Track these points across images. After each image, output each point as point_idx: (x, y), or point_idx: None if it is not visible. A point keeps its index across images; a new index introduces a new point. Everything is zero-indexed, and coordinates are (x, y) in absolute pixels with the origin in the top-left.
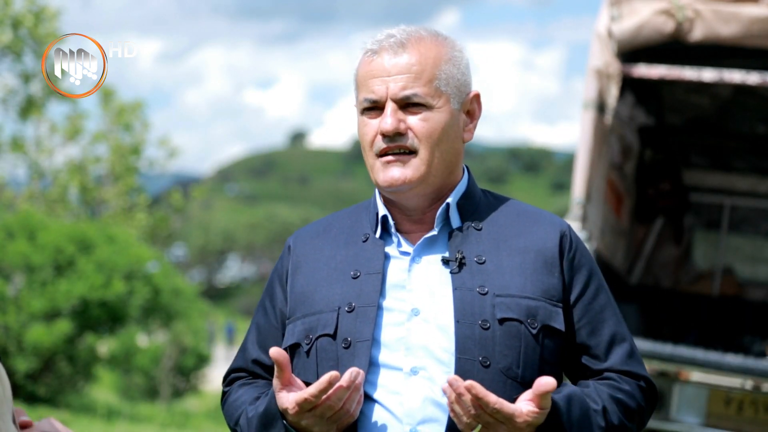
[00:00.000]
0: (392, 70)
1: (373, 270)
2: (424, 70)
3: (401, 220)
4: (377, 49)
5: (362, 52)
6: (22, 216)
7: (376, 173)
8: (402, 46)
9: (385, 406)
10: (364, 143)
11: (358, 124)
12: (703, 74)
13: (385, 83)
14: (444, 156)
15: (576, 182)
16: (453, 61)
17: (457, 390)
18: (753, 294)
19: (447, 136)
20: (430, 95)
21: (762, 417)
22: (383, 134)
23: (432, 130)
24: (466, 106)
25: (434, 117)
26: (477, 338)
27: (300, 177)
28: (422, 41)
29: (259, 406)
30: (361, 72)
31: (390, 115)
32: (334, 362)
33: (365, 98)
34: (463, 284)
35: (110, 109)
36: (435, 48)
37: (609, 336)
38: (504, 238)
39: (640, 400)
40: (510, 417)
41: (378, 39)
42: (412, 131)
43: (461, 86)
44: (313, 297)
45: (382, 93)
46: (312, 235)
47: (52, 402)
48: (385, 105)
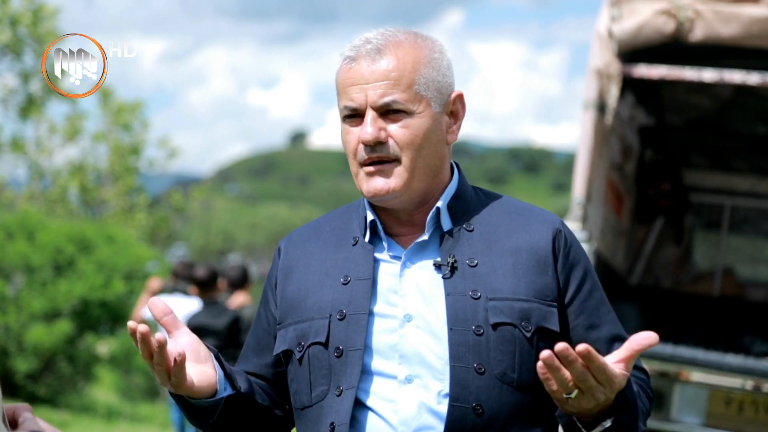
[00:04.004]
0: (370, 77)
1: (363, 275)
2: (403, 76)
3: (390, 222)
4: (354, 56)
5: (341, 58)
6: (22, 216)
7: (360, 183)
8: (379, 52)
9: (379, 414)
10: (348, 151)
11: (341, 132)
12: (703, 74)
13: (363, 91)
14: (427, 161)
15: (576, 182)
16: (432, 64)
17: (569, 357)
18: (753, 294)
19: (429, 141)
20: (410, 101)
21: (762, 417)
22: (364, 144)
23: (413, 137)
24: (449, 107)
25: (415, 123)
26: (471, 345)
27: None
28: (400, 46)
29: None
30: (339, 79)
31: (370, 124)
32: (326, 370)
33: (345, 106)
34: (456, 289)
35: (109, 109)
36: (413, 52)
37: (608, 333)
38: (496, 239)
39: (649, 390)
40: (611, 378)
41: (355, 45)
42: (393, 139)
43: (442, 88)
44: (305, 303)
45: (361, 101)
46: (303, 238)
47: (52, 402)
48: (365, 113)
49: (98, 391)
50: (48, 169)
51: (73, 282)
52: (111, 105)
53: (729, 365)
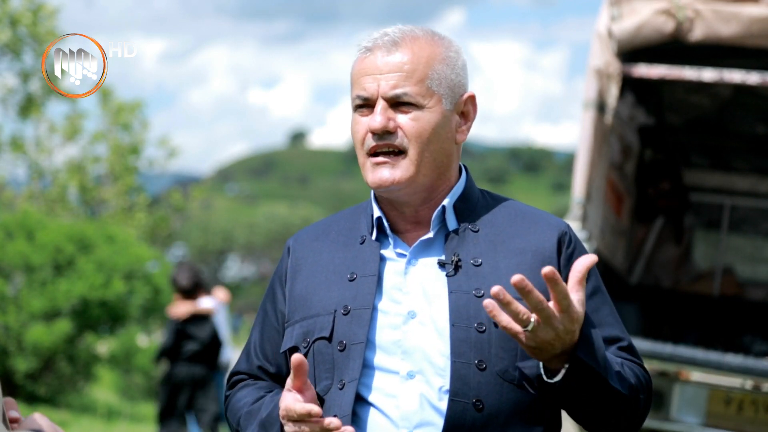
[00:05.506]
0: (384, 68)
1: (368, 272)
2: (416, 69)
3: (396, 219)
4: (371, 46)
5: (358, 50)
6: (21, 216)
7: (366, 172)
8: (395, 45)
9: (380, 409)
10: (356, 140)
11: (351, 122)
12: (703, 74)
13: (376, 81)
14: (434, 156)
15: (576, 182)
16: (447, 62)
17: (526, 288)
18: (753, 294)
19: (437, 137)
20: (421, 95)
21: (762, 417)
22: (372, 132)
23: (422, 129)
24: (460, 107)
25: (424, 117)
26: (473, 341)
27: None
28: (416, 40)
29: (263, 410)
30: (354, 69)
31: (379, 113)
32: (330, 365)
33: (357, 95)
34: (459, 287)
35: (109, 108)
36: (429, 47)
37: (609, 335)
38: (501, 240)
39: (643, 378)
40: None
41: (373, 37)
42: (401, 130)
43: (455, 87)
44: (311, 300)
45: (373, 91)
46: (312, 237)
47: (52, 402)
48: (376, 103)
49: (98, 391)
50: (48, 169)
51: (73, 281)
52: (111, 105)
53: (729, 365)
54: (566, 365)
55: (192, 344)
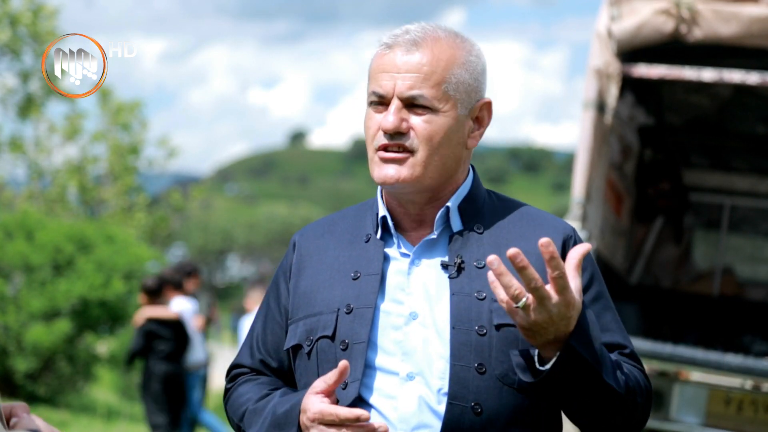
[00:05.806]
0: (402, 67)
1: (372, 271)
2: (434, 72)
3: (401, 217)
4: (392, 43)
5: (378, 45)
6: (21, 216)
7: (373, 167)
8: (416, 45)
9: (379, 410)
10: (367, 135)
11: (364, 116)
12: (703, 74)
13: (393, 80)
14: (443, 160)
15: (576, 182)
16: (466, 66)
17: (521, 263)
18: (753, 294)
19: (448, 141)
20: (437, 98)
21: (762, 417)
22: (384, 131)
23: (433, 133)
24: (475, 112)
25: (438, 120)
26: (473, 344)
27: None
28: (438, 42)
29: (278, 408)
30: (373, 65)
31: (393, 114)
32: (332, 364)
33: (373, 91)
34: (461, 289)
35: (108, 108)
36: (449, 50)
37: (610, 340)
38: (505, 242)
39: (642, 382)
40: (567, 286)
41: (395, 33)
42: (413, 131)
43: (471, 92)
44: (315, 298)
45: (389, 89)
46: (317, 233)
47: (52, 402)
48: (391, 101)
49: (98, 391)
50: (47, 169)
51: (73, 281)
52: (110, 105)
53: (728, 365)
54: (558, 353)
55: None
